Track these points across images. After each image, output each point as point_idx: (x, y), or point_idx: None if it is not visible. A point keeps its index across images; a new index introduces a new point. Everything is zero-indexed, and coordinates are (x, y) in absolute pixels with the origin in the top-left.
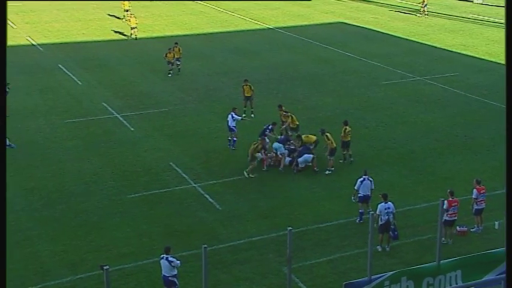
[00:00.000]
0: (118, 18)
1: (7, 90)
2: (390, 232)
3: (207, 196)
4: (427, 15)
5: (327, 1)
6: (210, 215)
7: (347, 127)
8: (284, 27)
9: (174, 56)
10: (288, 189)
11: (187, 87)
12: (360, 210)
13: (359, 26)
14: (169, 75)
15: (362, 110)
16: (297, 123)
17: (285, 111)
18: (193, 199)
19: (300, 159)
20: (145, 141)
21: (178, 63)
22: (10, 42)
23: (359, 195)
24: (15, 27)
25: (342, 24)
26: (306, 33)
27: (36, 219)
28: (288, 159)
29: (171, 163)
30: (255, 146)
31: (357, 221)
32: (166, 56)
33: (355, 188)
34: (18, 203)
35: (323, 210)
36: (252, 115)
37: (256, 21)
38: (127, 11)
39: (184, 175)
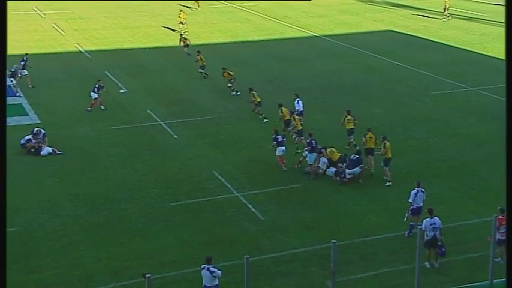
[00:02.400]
0: (173, 30)
1: (102, 86)
2: (437, 248)
3: (250, 206)
4: (449, 18)
5: (376, 9)
6: (253, 225)
7: (349, 116)
8: (331, 35)
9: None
10: (333, 201)
11: (231, 95)
12: (411, 223)
13: (409, 34)
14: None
15: (411, 121)
16: (300, 128)
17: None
18: (236, 208)
19: (348, 171)
20: (189, 149)
21: (202, 71)
22: (59, 49)
23: (412, 207)
24: (64, 34)
25: (391, 33)
26: (353, 41)
27: (81, 225)
28: (331, 169)
29: (214, 171)
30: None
31: (406, 234)
32: (223, 76)
33: (410, 200)
34: (63, 208)
35: (369, 223)
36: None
37: (302, 29)
38: (182, 23)
39: (227, 184)
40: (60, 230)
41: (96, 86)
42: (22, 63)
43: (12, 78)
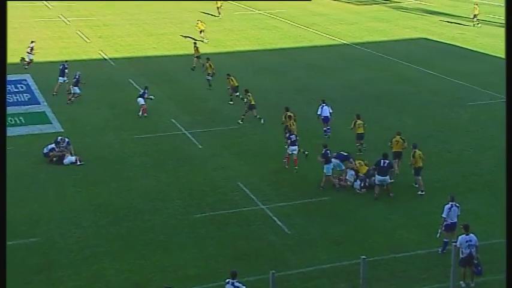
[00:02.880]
0: (194, 39)
1: (151, 98)
2: (473, 267)
3: (276, 219)
4: (479, 26)
5: (408, 16)
6: (279, 238)
7: (359, 120)
8: (361, 43)
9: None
10: (362, 215)
11: (257, 105)
12: (445, 240)
13: (443, 42)
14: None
15: (445, 133)
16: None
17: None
18: (262, 221)
19: (379, 177)
20: (214, 160)
21: (209, 78)
22: (83, 56)
23: (446, 222)
24: (88, 41)
25: (424, 40)
26: (385, 49)
27: (103, 236)
28: (357, 183)
29: (239, 183)
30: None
31: (439, 251)
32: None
33: (443, 215)
34: (86, 219)
35: (400, 239)
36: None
37: (331, 37)
38: (202, 31)
39: (252, 196)
40: (81, 241)
41: (143, 92)
42: (61, 66)
43: (76, 87)
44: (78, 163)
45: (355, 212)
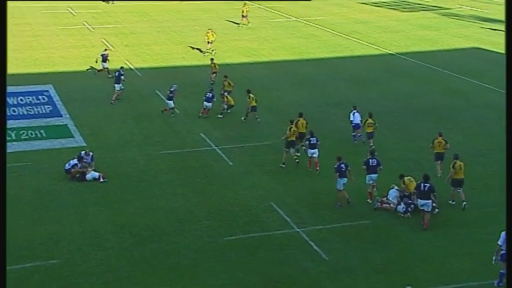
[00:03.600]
0: (201, 51)
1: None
2: None
3: (312, 243)
4: None
5: (460, 24)
6: (315, 265)
7: (370, 119)
8: (407, 53)
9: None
10: (407, 241)
11: (293, 119)
12: (501, 271)
13: (499, 53)
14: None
15: (500, 152)
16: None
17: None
18: (297, 246)
19: (421, 201)
20: (245, 178)
21: (226, 94)
22: (109, 65)
23: (502, 252)
24: (113, 50)
25: (477, 50)
26: (433, 60)
27: (126, 259)
28: (401, 206)
29: (272, 203)
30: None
31: (495, 283)
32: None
33: (499, 243)
34: (108, 240)
35: (450, 269)
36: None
37: (374, 46)
38: (210, 42)
39: (286, 218)
40: (103, 264)
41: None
42: (117, 73)
43: (170, 101)
44: (101, 180)
45: (399, 237)
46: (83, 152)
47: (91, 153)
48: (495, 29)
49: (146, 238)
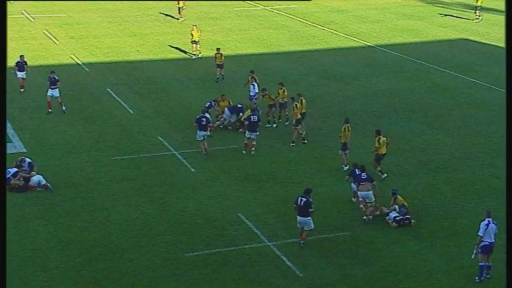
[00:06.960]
0: (184, 52)
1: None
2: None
3: (285, 258)
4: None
5: (447, 12)
6: (288, 283)
7: (347, 125)
8: (388, 45)
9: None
10: (390, 255)
11: (264, 118)
12: (480, 264)
13: (490, 44)
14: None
15: (491, 154)
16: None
17: None
18: (267, 262)
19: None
20: (209, 186)
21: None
22: (52, 60)
23: (483, 243)
24: (58, 43)
25: (466, 42)
26: (417, 53)
27: (73, 280)
28: (393, 213)
29: (239, 214)
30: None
31: (476, 279)
32: (218, 104)
33: (479, 234)
34: (53, 258)
35: (438, 285)
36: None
37: (352, 37)
38: (195, 42)
39: (256, 230)
40: (46, 287)
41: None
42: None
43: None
44: (48, 186)
45: (381, 250)
46: (18, 159)
47: (27, 160)
48: (486, 18)
49: (97, 256)
